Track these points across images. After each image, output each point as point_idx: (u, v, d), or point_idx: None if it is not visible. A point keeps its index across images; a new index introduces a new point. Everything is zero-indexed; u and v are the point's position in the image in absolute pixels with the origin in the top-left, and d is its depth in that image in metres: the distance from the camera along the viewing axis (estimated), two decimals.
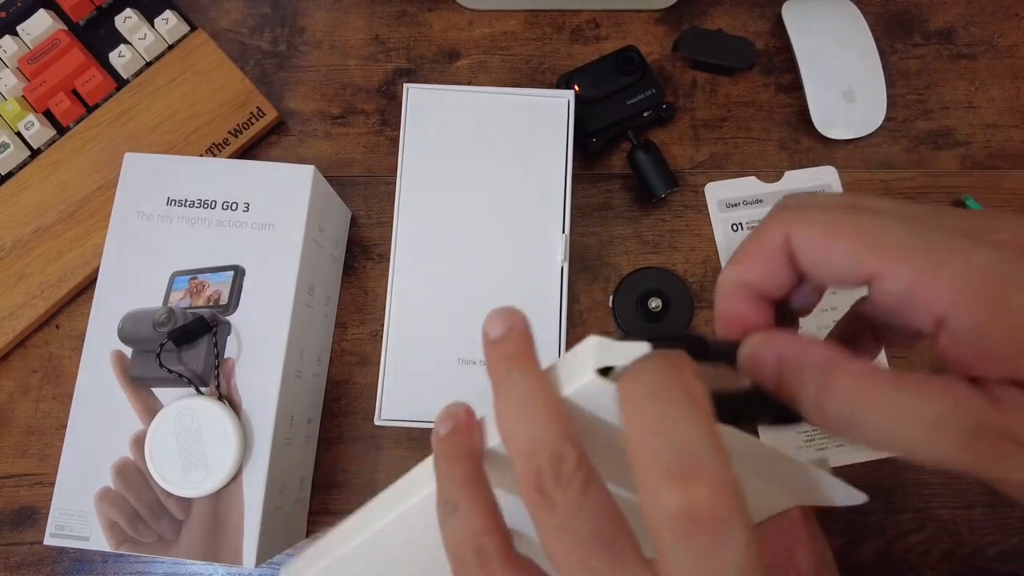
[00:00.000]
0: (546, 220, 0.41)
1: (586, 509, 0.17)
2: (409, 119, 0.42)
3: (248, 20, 0.51)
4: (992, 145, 0.49)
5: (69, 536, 0.36)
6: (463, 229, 0.41)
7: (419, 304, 0.40)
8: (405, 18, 0.51)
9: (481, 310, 0.39)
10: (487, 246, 0.41)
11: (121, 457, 0.37)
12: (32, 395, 0.45)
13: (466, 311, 0.40)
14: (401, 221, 0.41)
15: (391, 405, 0.38)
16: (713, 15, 0.51)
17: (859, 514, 0.44)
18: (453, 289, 0.40)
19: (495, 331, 0.21)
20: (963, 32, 0.51)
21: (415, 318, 0.40)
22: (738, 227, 0.48)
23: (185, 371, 0.37)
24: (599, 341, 0.19)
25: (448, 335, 0.39)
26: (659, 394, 0.17)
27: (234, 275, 0.38)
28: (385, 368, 0.39)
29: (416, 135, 0.42)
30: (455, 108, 0.42)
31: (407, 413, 0.38)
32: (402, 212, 0.41)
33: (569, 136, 0.42)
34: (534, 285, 0.40)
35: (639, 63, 0.46)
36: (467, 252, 0.41)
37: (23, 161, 0.47)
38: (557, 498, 0.17)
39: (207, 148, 0.47)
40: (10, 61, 0.48)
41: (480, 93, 0.43)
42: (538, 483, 0.17)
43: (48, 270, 0.46)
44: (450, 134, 0.42)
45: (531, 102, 0.42)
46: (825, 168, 0.48)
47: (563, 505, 0.17)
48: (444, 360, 0.39)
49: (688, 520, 0.15)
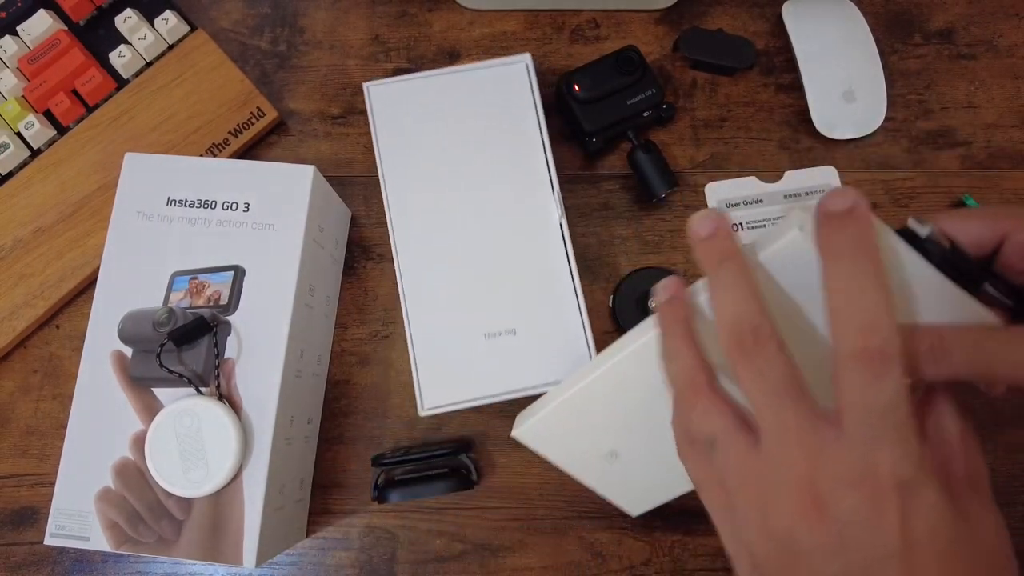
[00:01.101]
0: (534, 183, 0.41)
1: (777, 362, 0.24)
2: (376, 116, 0.42)
3: (248, 20, 0.51)
4: (992, 145, 0.49)
5: (69, 536, 0.36)
6: (456, 211, 0.41)
7: (432, 293, 0.40)
8: (405, 18, 0.51)
9: (491, 283, 0.40)
10: (483, 221, 0.41)
11: (121, 457, 0.37)
12: (32, 395, 0.45)
13: (479, 287, 0.40)
14: (395, 219, 0.41)
15: (431, 395, 0.39)
16: (713, 15, 0.51)
17: None
18: (460, 270, 0.40)
19: (704, 230, 0.27)
20: (963, 32, 0.51)
21: (431, 308, 0.40)
22: (738, 227, 0.48)
23: (185, 371, 0.37)
24: (801, 209, 0.26)
25: (467, 315, 0.40)
26: (853, 257, 0.23)
27: (234, 275, 0.38)
28: (416, 362, 0.39)
29: (387, 131, 0.42)
30: (419, 95, 0.43)
31: (448, 397, 0.39)
32: (393, 210, 0.41)
33: (535, 98, 0.42)
34: (537, 246, 0.41)
35: (639, 63, 0.46)
36: (465, 232, 0.41)
37: (23, 161, 0.47)
38: (756, 354, 0.24)
39: (207, 148, 0.47)
40: (10, 61, 0.48)
41: (438, 75, 0.43)
42: (741, 343, 0.24)
43: (48, 270, 0.46)
44: (420, 122, 0.42)
45: (490, 74, 0.43)
46: (825, 168, 0.48)
47: (761, 359, 0.24)
48: (469, 339, 0.39)
49: (865, 355, 0.22)
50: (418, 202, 0.41)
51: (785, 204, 0.48)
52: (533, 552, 0.43)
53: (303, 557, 0.43)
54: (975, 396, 0.45)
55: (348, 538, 0.44)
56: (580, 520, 0.44)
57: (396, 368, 0.46)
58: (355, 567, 0.43)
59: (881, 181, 0.48)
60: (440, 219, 0.41)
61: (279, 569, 0.43)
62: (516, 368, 0.39)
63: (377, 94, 0.43)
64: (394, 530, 0.44)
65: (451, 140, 0.42)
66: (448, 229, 0.41)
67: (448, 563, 0.43)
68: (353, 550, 0.43)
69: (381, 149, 0.42)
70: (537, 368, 0.39)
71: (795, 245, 0.26)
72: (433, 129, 0.42)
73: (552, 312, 0.40)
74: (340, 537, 0.44)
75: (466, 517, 0.44)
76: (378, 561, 0.43)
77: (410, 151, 0.42)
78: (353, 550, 0.43)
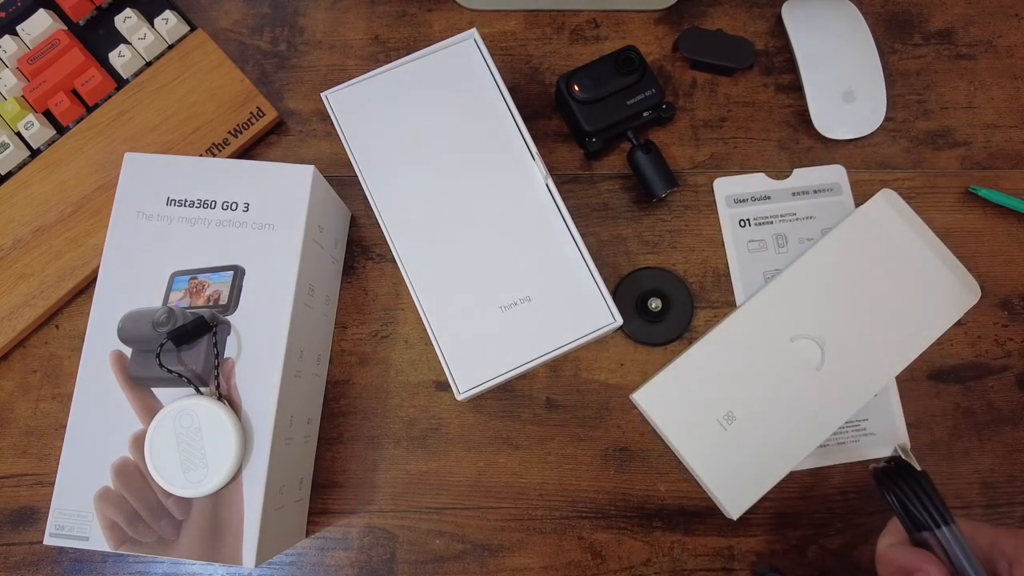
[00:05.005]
0: (512, 152, 0.42)
1: None
2: (342, 123, 0.42)
3: (248, 20, 0.51)
4: (992, 145, 0.49)
5: (69, 536, 0.36)
6: (443, 196, 0.41)
7: (440, 281, 0.40)
8: (405, 18, 0.51)
9: (495, 257, 0.41)
10: (471, 200, 0.41)
11: (121, 457, 0.37)
12: (32, 395, 0.45)
13: (483, 264, 0.40)
14: (386, 218, 0.41)
15: (464, 378, 0.39)
16: (713, 15, 0.51)
17: (859, 514, 0.44)
18: (462, 252, 0.40)
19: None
20: (963, 32, 0.51)
21: (443, 295, 0.40)
22: (746, 223, 0.48)
23: (185, 371, 0.37)
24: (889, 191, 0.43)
25: (479, 293, 0.40)
26: None
27: (234, 275, 0.38)
28: (441, 350, 0.39)
29: (356, 134, 0.42)
30: (378, 93, 0.43)
31: (481, 376, 0.39)
32: (382, 210, 0.41)
33: (492, 70, 0.43)
34: (530, 212, 0.41)
35: (639, 63, 0.46)
36: (457, 214, 0.41)
37: (23, 161, 0.47)
38: None
39: (207, 148, 0.47)
40: (10, 61, 0.48)
41: (393, 69, 0.43)
42: None
43: (48, 270, 0.46)
44: (387, 118, 0.42)
45: (442, 56, 0.43)
46: (834, 168, 0.48)
47: None
48: (487, 315, 0.40)
49: None
50: (404, 197, 0.41)
51: (794, 201, 0.48)
52: (533, 552, 0.43)
53: (302, 557, 0.43)
54: (975, 396, 0.45)
55: (347, 538, 0.44)
56: (580, 520, 0.44)
57: (396, 368, 0.46)
58: (354, 567, 0.43)
59: (881, 181, 0.48)
60: (430, 208, 0.41)
61: (279, 569, 0.43)
62: (540, 332, 0.39)
63: (337, 101, 0.43)
64: (394, 530, 0.44)
65: (421, 129, 0.42)
66: (440, 216, 0.41)
67: (448, 563, 0.43)
68: (352, 550, 0.43)
69: (355, 154, 0.42)
70: (561, 327, 0.39)
71: (876, 208, 0.45)
72: (401, 122, 0.42)
73: (561, 270, 0.40)
74: (339, 537, 0.44)
75: (466, 517, 0.44)
76: (377, 561, 0.43)
77: (384, 149, 0.42)
78: (352, 550, 0.43)
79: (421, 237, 0.41)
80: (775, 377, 0.43)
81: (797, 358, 0.44)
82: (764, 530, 0.43)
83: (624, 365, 0.46)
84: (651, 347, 0.46)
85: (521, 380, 0.46)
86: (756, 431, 0.43)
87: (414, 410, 0.45)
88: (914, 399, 0.45)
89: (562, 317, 0.40)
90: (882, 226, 0.46)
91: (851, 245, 0.45)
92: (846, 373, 0.43)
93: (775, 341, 0.44)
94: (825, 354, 0.44)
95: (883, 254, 0.45)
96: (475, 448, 0.45)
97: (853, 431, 0.44)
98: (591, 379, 0.45)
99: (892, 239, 0.45)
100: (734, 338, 0.44)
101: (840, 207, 0.48)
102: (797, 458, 0.42)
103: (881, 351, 0.44)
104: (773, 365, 0.44)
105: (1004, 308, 0.47)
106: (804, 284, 0.45)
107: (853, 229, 0.46)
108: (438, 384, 0.46)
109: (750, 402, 0.43)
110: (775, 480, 0.42)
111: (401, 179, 0.41)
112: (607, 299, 0.40)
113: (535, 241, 0.40)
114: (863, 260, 0.45)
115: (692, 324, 0.46)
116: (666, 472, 0.44)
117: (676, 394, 0.43)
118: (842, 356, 0.44)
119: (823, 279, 0.45)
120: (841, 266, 0.45)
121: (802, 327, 0.44)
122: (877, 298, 0.44)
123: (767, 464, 0.42)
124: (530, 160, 0.41)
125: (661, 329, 0.46)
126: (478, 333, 0.39)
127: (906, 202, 0.46)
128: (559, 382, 0.45)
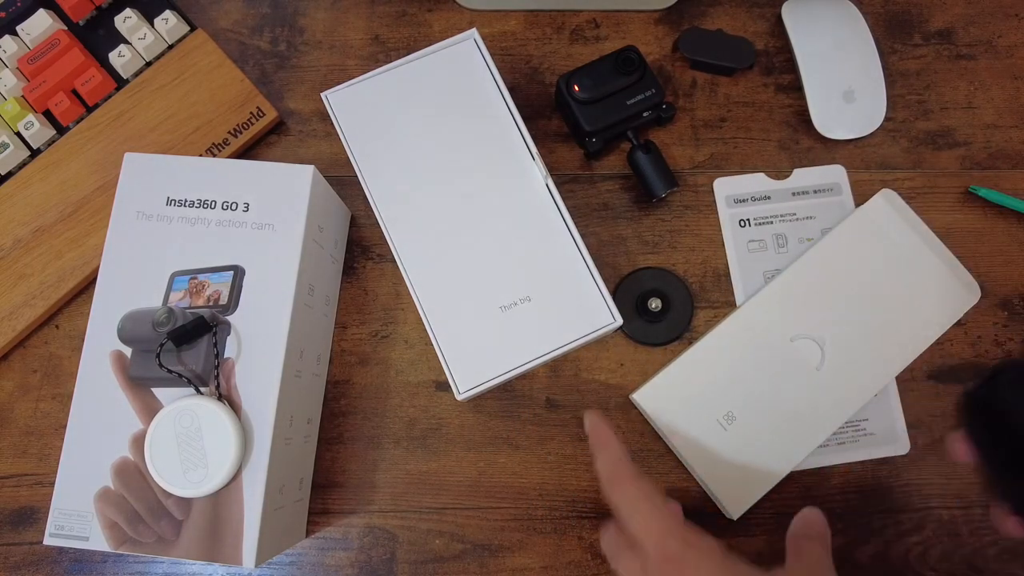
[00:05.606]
0: (512, 153, 0.42)
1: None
2: (342, 122, 0.42)
3: (248, 20, 0.51)
4: (992, 145, 0.49)
5: (69, 536, 0.36)
6: (443, 196, 0.41)
7: (440, 281, 0.40)
8: (405, 18, 0.51)
9: (494, 258, 0.41)
10: (471, 200, 0.41)
11: (121, 457, 0.37)
12: (32, 395, 0.45)
13: (483, 265, 0.40)
14: (386, 218, 0.41)
15: (464, 379, 0.39)
16: (713, 15, 0.51)
17: (859, 514, 0.44)
18: (462, 253, 0.40)
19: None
20: (963, 32, 0.51)
21: (443, 295, 0.40)
22: (746, 223, 0.48)
23: (185, 371, 0.37)
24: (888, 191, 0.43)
25: (479, 293, 0.40)
26: None
27: (234, 275, 0.38)
28: (441, 350, 0.39)
29: (356, 135, 0.42)
30: (378, 93, 0.43)
31: (481, 377, 0.39)
32: (382, 210, 0.41)
33: (492, 70, 0.43)
34: (530, 212, 0.41)
35: (639, 63, 0.46)
36: (457, 215, 0.41)
37: (23, 161, 0.47)
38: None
39: (207, 148, 0.47)
40: (10, 61, 0.48)
41: (393, 68, 0.43)
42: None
43: (48, 270, 0.46)
44: (386, 118, 0.42)
45: (442, 56, 0.43)
46: (834, 168, 0.48)
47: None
48: (487, 316, 0.40)
49: None
50: (404, 197, 0.41)
51: (794, 201, 0.48)
52: (533, 552, 0.43)
53: (302, 557, 0.43)
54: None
55: (347, 538, 0.44)
56: (580, 520, 0.44)
57: (396, 368, 0.46)
58: (354, 567, 0.43)
59: (881, 181, 0.48)
60: (430, 208, 0.41)
61: (278, 569, 0.43)
62: (540, 332, 0.39)
63: (337, 101, 0.43)
64: (393, 530, 0.44)
65: (421, 129, 0.42)
66: (439, 216, 0.41)
67: (448, 563, 0.43)
68: (352, 550, 0.43)
69: (355, 154, 0.42)
70: (561, 327, 0.39)
71: (876, 208, 0.46)
72: (401, 122, 0.42)
73: (561, 270, 0.40)
74: (339, 537, 0.44)
75: (466, 517, 0.44)
76: (377, 561, 0.43)
77: (384, 149, 0.42)
78: (352, 550, 0.43)
79: (421, 237, 0.41)
80: (775, 377, 0.43)
81: (797, 358, 0.44)
82: (764, 530, 0.43)
83: (624, 365, 0.46)
84: (651, 347, 0.46)
85: (521, 380, 0.46)
86: (756, 431, 0.43)
87: (414, 410, 0.45)
88: (914, 399, 0.45)
89: (562, 317, 0.40)
90: (882, 226, 0.46)
91: (851, 245, 0.45)
92: (846, 373, 0.43)
93: (775, 341, 0.44)
94: (825, 354, 0.44)
95: (883, 254, 0.45)
96: (475, 448, 0.45)
97: (853, 431, 0.44)
98: (591, 379, 0.45)
99: (892, 239, 0.46)
100: (734, 338, 0.44)
101: (840, 207, 0.48)
102: (797, 458, 0.42)
103: (881, 351, 0.44)
104: (773, 365, 0.44)
105: (1004, 308, 0.47)
106: (804, 284, 0.45)
107: (853, 229, 0.46)
108: (438, 384, 0.46)
109: (750, 402, 0.43)
110: (775, 480, 0.42)
111: (401, 179, 0.41)
112: (607, 299, 0.40)
113: (535, 241, 0.40)
114: (863, 260, 0.45)
115: (692, 324, 0.46)
116: (666, 472, 0.44)
117: (676, 394, 0.44)
118: (842, 356, 0.44)
119: (823, 279, 0.45)
120: (841, 266, 0.45)
121: (802, 327, 0.44)
122: (877, 298, 0.45)
123: (767, 464, 0.42)
124: (530, 160, 0.41)
125: (661, 329, 0.46)
126: (478, 333, 0.39)
127: (906, 202, 0.47)
128: (559, 382, 0.45)
